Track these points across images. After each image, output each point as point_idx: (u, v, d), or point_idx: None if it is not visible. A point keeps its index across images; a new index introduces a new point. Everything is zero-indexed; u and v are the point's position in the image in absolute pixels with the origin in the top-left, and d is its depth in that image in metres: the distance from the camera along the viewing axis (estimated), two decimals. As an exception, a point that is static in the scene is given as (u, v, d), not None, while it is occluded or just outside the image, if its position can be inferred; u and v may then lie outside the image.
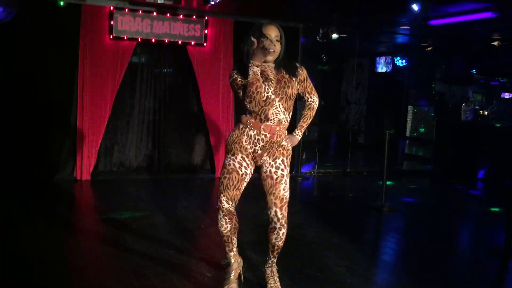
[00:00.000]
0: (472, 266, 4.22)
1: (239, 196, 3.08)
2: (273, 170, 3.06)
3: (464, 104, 13.71)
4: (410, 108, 12.27)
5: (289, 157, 3.14)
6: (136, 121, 7.36)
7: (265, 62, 3.00)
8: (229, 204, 3.06)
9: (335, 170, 8.51)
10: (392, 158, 9.58)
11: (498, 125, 8.90)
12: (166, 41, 6.95)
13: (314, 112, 3.25)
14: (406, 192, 7.47)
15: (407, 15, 6.39)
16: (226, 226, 3.10)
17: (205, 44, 7.12)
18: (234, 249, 3.22)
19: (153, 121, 7.46)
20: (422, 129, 12.60)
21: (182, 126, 7.58)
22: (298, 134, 3.20)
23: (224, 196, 3.05)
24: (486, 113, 16.19)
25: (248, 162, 3.07)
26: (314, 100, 3.22)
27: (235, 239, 3.20)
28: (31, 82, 6.34)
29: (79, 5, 6.42)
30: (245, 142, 3.05)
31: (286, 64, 3.08)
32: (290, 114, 3.11)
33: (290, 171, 3.25)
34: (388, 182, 7.31)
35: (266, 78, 3.00)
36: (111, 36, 6.61)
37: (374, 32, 8.53)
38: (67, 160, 6.64)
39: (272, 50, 2.96)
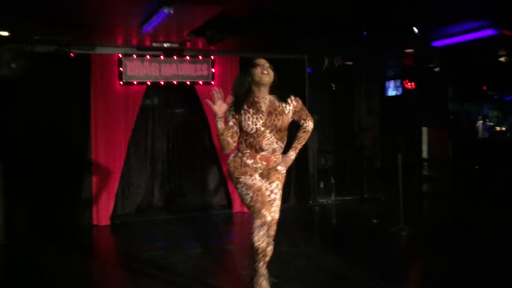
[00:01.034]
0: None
1: None
2: (267, 193, 3.29)
3: (481, 122, 13.60)
4: (424, 129, 12.19)
5: (283, 180, 3.38)
6: (150, 162, 7.48)
7: (261, 88, 3.27)
8: (270, 216, 3.21)
9: (352, 197, 8.45)
10: (409, 181, 9.48)
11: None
12: (175, 82, 7.12)
13: (308, 135, 3.47)
14: (425, 214, 7.35)
15: (409, 38, 6.44)
16: (264, 239, 3.22)
17: (212, 82, 7.26)
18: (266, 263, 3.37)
19: (167, 161, 7.56)
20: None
21: (195, 164, 7.66)
22: (292, 155, 3.40)
23: (265, 209, 3.19)
24: (504, 129, 16.00)
25: (263, 181, 3.31)
26: (308, 125, 3.44)
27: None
28: (45, 131, 6.50)
29: (89, 54, 6.64)
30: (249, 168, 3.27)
31: (280, 93, 3.34)
32: (285, 142, 3.35)
33: (306, 202, 3.65)
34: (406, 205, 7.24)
35: (257, 110, 3.23)
36: (121, 82, 6.80)
37: (379, 57, 8.58)
38: (85, 207, 6.72)
39: (266, 73, 3.23)
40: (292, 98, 3.35)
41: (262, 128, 3.19)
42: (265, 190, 3.28)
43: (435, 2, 4.98)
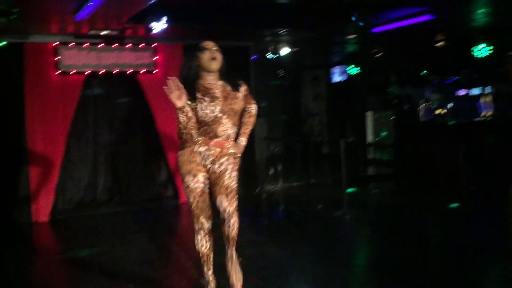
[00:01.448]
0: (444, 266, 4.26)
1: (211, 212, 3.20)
2: (216, 166, 3.15)
3: (422, 105, 14.04)
4: (369, 113, 12.48)
5: (237, 159, 3.23)
6: (92, 155, 7.22)
7: (210, 74, 3.12)
8: (208, 223, 3.17)
9: (299, 183, 8.53)
10: (354, 165, 9.69)
11: (451, 122, 9.11)
12: (116, 71, 6.89)
13: (254, 119, 3.41)
14: (368, 198, 7.55)
15: (350, 25, 6.52)
16: (206, 245, 3.20)
17: (155, 71, 7.09)
18: (211, 268, 3.30)
19: (110, 152, 7.34)
20: (383, 133, 12.81)
21: (140, 155, 7.49)
22: (243, 141, 3.31)
23: (203, 217, 3.13)
24: (444, 111, 16.61)
25: (208, 178, 3.17)
26: (253, 108, 3.40)
27: (212, 257, 3.29)
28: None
29: (21, 43, 6.31)
30: (199, 159, 3.12)
31: (230, 78, 3.23)
32: (237, 128, 3.26)
33: (253, 189, 3.53)
34: (350, 190, 7.40)
35: (212, 97, 3.09)
36: (57, 72, 6.51)
37: (323, 44, 8.66)
38: (23, 202, 6.44)
39: (215, 58, 3.09)
40: (242, 82, 3.30)
41: (220, 114, 3.08)
42: (209, 193, 3.18)
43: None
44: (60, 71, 6.51)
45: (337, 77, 12.23)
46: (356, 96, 11.50)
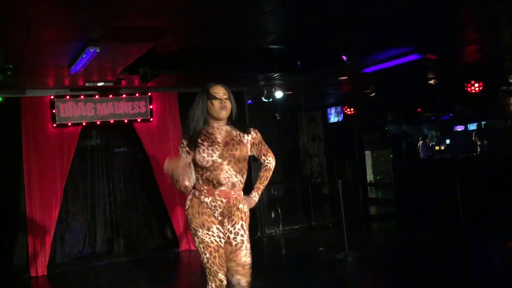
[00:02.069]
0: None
1: None
2: (232, 236, 2.95)
3: (421, 142, 14.09)
4: (368, 153, 12.51)
5: (247, 220, 3.04)
6: (90, 206, 7.19)
7: (218, 122, 2.98)
8: (226, 280, 2.97)
9: (300, 226, 8.44)
10: (355, 205, 9.62)
11: (450, 158, 9.11)
12: (112, 121, 6.96)
13: (271, 173, 3.19)
14: (370, 238, 7.45)
15: (341, 66, 6.63)
16: None
17: (151, 119, 7.15)
18: None
19: (109, 203, 7.31)
20: (379, 176, 12.77)
21: (139, 204, 7.45)
22: (255, 196, 3.12)
23: (221, 274, 2.92)
24: (442, 148, 16.65)
25: (222, 230, 2.97)
26: (270, 162, 3.17)
27: None
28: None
29: (19, 98, 6.40)
30: (209, 209, 2.95)
31: (239, 124, 3.06)
32: (244, 176, 3.01)
33: (254, 234, 3.32)
34: (352, 230, 7.30)
35: (212, 142, 2.93)
36: (54, 124, 6.57)
37: (317, 86, 8.78)
38: (20, 257, 6.34)
39: (225, 108, 2.93)
40: (251, 129, 3.08)
41: (219, 160, 2.88)
42: (224, 249, 2.96)
43: (360, 32, 5.16)
44: (57, 124, 6.57)
45: (333, 118, 12.33)
46: (354, 136, 11.55)
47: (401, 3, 4.29)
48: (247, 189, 3.09)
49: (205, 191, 2.93)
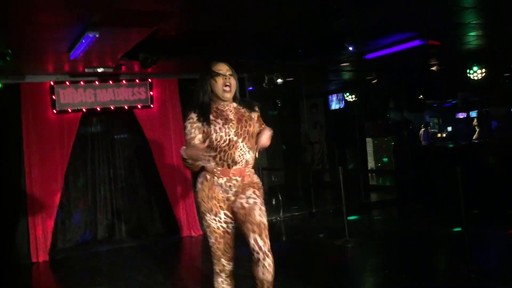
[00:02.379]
0: None
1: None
2: (244, 200, 2.84)
3: (423, 129, 14.05)
4: (369, 140, 12.47)
5: (261, 190, 2.96)
6: (91, 192, 7.21)
7: (223, 100, 2.89)
8: (230, 265, 2.96)
9: (301, 212, 8.45)
10: (356, 192, 9.62)
11: (451, 145, 9.08)
12: (112, 108, 6.93)
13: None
14: (370, 225, 7.46)
15: (343, 53, 6.58)
16: (223, 286, 2.98)
17: (152, 105, 7.13)
18: None
19: (109, 189, 7.32)
20: (385, 159, 12.77)
21: (139, 190, 7.46)
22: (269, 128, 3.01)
23: (224, 259, 2.92)
24: (444, 135, 16.60)
25: (230, 216, 2.90)
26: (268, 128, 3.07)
27: None
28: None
29: (18, 84, 6.37)
30: (220, 193, 2.88)
31: (244, 101, 3.02)
32: (254, 153, 2.95)
33: None
34: (352, 217, 7.33)
35: (226, 120, 2.86)
36: (54, 111, 6.55)
37: (319, 72, 8.73)
38: (22, 243, 6.37)
39: (228, 89, 2.86)
40: (256, 105, 3.04)
41: (235, 138, 2.81)
42: (233, 233, 2.94)
43: (362, 17, 5.10)
44: (57, 110, 6.55)
45: (335, 105, 12.28)
46: (355, 123, 11.52)
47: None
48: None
49: (218, 172, 2.85)
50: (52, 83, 6.54)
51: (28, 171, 6.39)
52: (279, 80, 8.02)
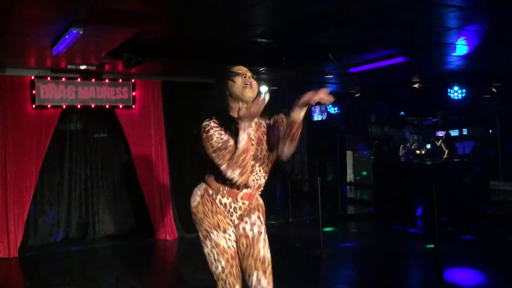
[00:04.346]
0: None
1: None
2: (248, 227, 2.50)
3: (402, 145, 14.23)
4: (349, 153, 12.57)
5: (264, 213, 2.63)
6: (67, 190, 7.10)
7: (244, 101, 2.46)
8: None
9: (277, 221, 8.44)
10: (333, 204, 9.67)
11: (428, 162, 9.21)
12: (93, 106, 6.85)
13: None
14: (346, 237, 7.49)
15: (327, 65, 6.64)
16: None
17: (133, 106, 7.07)
18: None
19: (85, 188, 7.22)
20: (364, 173, 12.88)
21: (116, 191, 7.39)
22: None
23: (238, 286, 2.48)
24: (423, 152, 16.84)
25: (236, 235, 2.54)
26: None
27: None
28: None
29: (-2, 76, 6.28)
30: (224, 210, 2.50)
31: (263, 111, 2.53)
32: (268, 175, 2.60)
33: None
34: (328, 229, 7.35)
35: None
36: (34, 105, 6.45)
37: (302, 83, 8.78)
38: (-10, 238, 6.24)
39: (249, 85, 2.46)
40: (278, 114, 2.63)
41: (252, 162, 2.43)
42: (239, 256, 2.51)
43: (347, 32, 5.16)
44: (36, 105, 6.45)
45: (317, 116, 12.34)
46: (336, 135, 11.59)
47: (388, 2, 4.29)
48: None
49: (225, 191, 2.47)
50: (33, 77, 6.44)
51: (2, 165, 6.26)
52: (263, 88, 8.04)
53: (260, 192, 2.60)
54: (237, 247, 2.50)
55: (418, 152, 16.05)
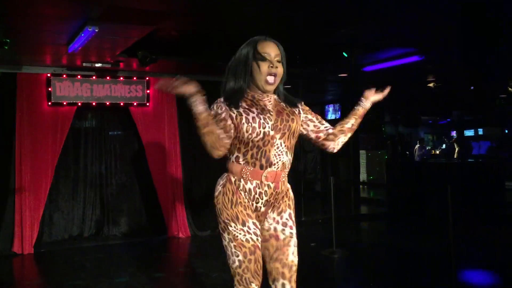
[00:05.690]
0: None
1: None
2: (280, 228, 2.35)
3: (417, 145, 14.12)
4: (363, 152, 12.49)
5: (294, 209, 2.49)
6: (81, 187, 7.16)
7: (262, 91, 2.35)
8: None
9: (290, 220, 8.42)
10: (346, 204, 9.62)
11: (443, 161, 9.12)
12: (108, 103, 6.90)
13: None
14: (359, 237, 7.45)
15: (342, 64, 6.60)
16: None
17: (148, 104, 7.11)
18: None
19: (100, 185, 7.27)
20: (372, 177, 12.77)
21: (130, 188, 7.42)
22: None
23: (255, 284, 2.28)
24: (438, 152, 16.68)
25: (259, 227, 2.35)
26: (329, 126, 2.63)
27: None
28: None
29: (15, 73, 6.34)
30: (246, 199, 2.32)
31: (284, 95, 2.46)
32: (292, 156, 2.43)
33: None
34: (341, 228, 7.30)
35: (262, 110, 2.31)
36: (49, 103, 6.52)
37: (316, 82, 8.74)
38: (6, 234, 6.31)
39: (272, 78, 2.30)
40: (298, 100, 2.50)
41: (272, 132, 2.27)
42: (261, 251, 2.33)
43: (362, 29, 5.12)
44: (52, 102, 6.51)
45: (331, 115, 12.30)
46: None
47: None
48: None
49: (248, 173, 2.29)
50: (49, 75, 6.51)
51: (19, 161, 6.34)
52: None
53: (286, 174, 2.41)
54: (265, 247, 2.36)
55: (432, 152, 15.90)
